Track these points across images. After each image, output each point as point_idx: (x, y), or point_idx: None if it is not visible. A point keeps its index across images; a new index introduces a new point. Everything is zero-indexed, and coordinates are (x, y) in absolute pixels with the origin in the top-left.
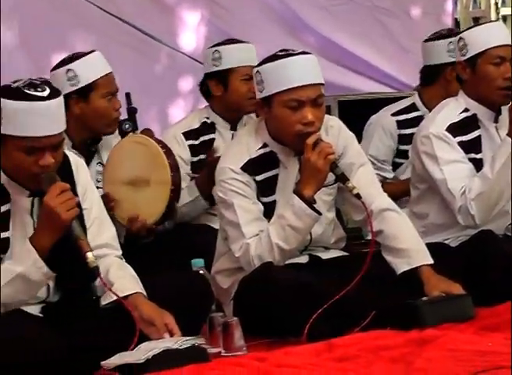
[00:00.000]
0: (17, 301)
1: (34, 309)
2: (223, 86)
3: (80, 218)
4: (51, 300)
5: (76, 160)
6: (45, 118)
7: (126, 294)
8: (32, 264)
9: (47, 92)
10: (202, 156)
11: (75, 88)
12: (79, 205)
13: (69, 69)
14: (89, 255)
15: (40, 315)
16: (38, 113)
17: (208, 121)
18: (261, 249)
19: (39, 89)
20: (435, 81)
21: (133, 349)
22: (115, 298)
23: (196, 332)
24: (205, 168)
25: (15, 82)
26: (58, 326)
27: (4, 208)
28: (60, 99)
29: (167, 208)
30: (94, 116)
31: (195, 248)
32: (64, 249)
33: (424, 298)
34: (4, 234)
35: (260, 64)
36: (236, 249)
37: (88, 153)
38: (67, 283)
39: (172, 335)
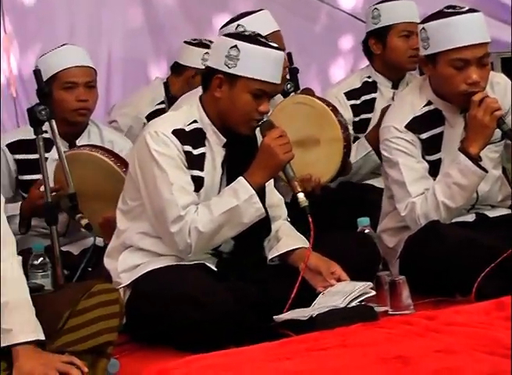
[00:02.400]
0: (222, 235)
1: (211, 263)
2: (382, 44)
3: None
4: (223, 250)
5: None
6: (278, 66)
7: (292, 248)
8: (248, 199)
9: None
10: (363, 116)
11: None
12: None
13: (238, 25)
14: (300, 195)
15: (215, 269)
16: (274, 60)
17: (370, 80)
18: (426, 208)
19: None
20: None
21: (291, 304)
22: (280, 251)
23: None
24: (378, 120)
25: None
26: (231, 281)
27: (201, 150)
28: None
29: (341, 164)
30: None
31: (361, 206)
32: None
33: None
34: (199, 173)
35: (426, 20)
36: (402, 208)
37: None
38: (241, 233)
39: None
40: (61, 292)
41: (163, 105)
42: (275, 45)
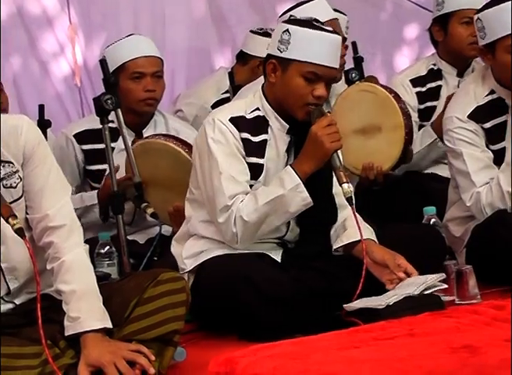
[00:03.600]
0: (268, 224)
1: (276, 255)
2: (444, 31)
3: None
4: (289, 238)
5: None
6: (332, 49)
7: (356, 240)
8: (293, 188)
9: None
10: (429, 103)
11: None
12: None
13: (291, 15)
14: (345, 185)
15: (279, 260)
16: (328, 43)
17: (435, 68)
18: (492, 197)
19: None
20: None
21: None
22: (345, 242)
23: None
24: (443, 108)
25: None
26: (295, 271)
27: (262, 137)
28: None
29: (402, 152)
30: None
31: (426, 195)
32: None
33: None
34: (258, 160)
35: (480, 10)
36: (467, 198)
37: None
38: (307, 219)
39: (408, 275)
40: (127, 281)
41: (228, 95)
42: (329, 29)
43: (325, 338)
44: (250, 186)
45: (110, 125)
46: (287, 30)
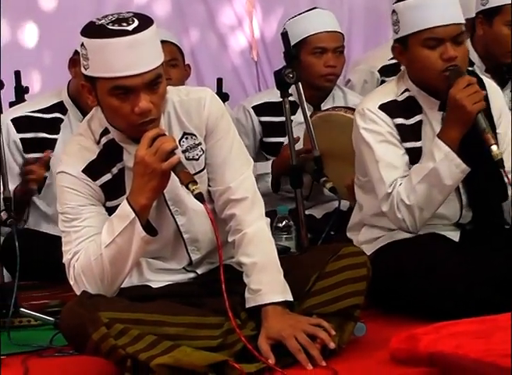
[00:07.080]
0: (431, 202)
1: (453, 236)
2: None
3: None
4: (463, 222)
5: (490, 84)
6: (442, 6)
7: None
8: (444, 158)
9: None
10: None
11: (483, 8)
12: None
13: None
14: (493, 147)
15: (456, 240)
16: (429, 4)
17: None
18: None
19: None
20: None
21: None
22: None
23: None
24: None
25: None
26: (475, 251)
27: (416, 118)
28: None
29: None
30: (494, 42)
31: None
32: (476, 163)
33: None
34: (414, 144)
35: None
36: None
37: (501, 81)
38: (478, 200)
39: None
40: (307, 255)
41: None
42: None
43: (508, 318)
44: None
45: (289, 98)
46: (393, 11)
